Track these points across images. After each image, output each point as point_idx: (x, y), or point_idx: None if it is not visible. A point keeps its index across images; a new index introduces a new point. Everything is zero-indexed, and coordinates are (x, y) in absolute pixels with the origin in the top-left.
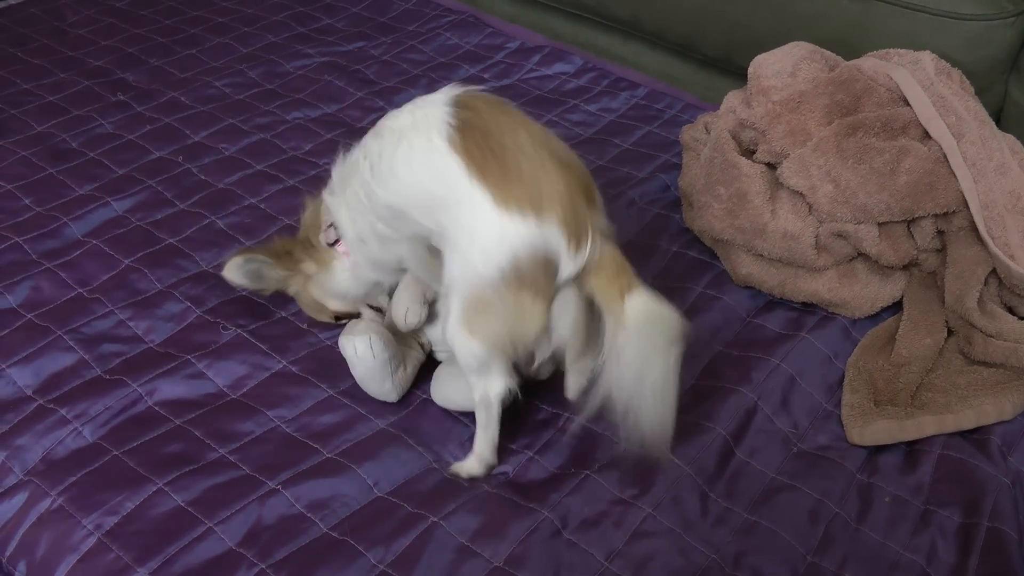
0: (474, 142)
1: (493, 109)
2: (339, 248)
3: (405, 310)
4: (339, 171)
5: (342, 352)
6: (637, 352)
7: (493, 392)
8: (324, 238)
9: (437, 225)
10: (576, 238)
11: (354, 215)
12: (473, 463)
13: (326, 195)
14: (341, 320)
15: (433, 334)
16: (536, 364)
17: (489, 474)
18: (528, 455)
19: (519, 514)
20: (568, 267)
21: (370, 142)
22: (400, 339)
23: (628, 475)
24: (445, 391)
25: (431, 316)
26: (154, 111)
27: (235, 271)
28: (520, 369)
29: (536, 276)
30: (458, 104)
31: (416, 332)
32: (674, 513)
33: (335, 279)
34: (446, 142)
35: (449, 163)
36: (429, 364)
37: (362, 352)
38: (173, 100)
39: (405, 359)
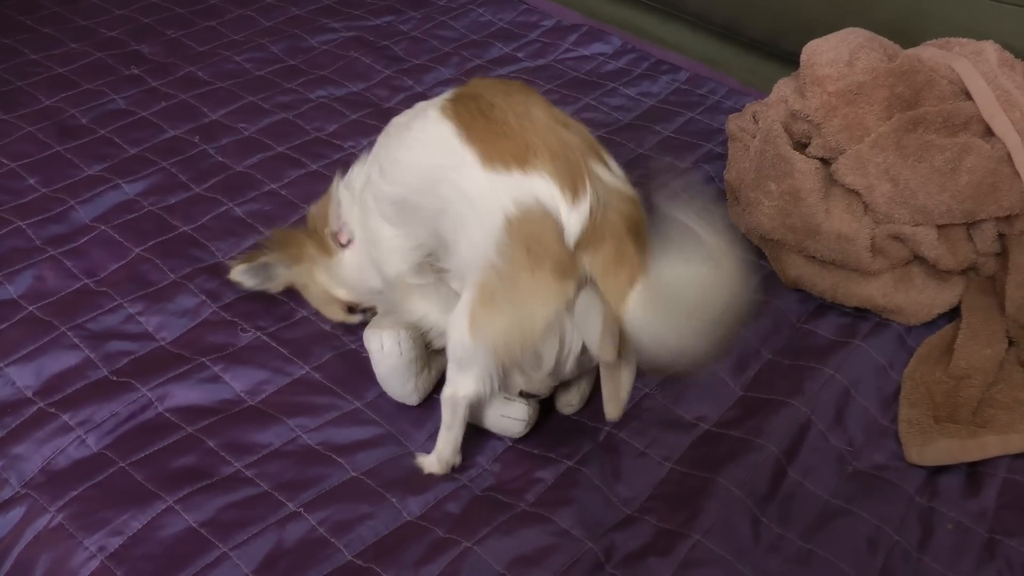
0: (463, 106)
1: (491, 81)
2: (348, 249)
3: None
4: (359, 168)
5: (366, 346)
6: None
7: (462, 392)
8: (333, 236)
9: (440, 201)
10: (571, 186)
11: (365, 219)
12: (433, 460)
13: (341, 188)
14: (355, 313)
15: None
16: (544, 369)
17: (448, 472)
18: (568, 464)
19: (560, 542)
20: (572, 220)
21: (380, 141)
22: (426, 343)
23: (675, 500)
24: (475, 410)
25: None
26: (170, 87)
27: (242, 276)
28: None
29: (538, 239)
30: (460, 86)
31: None
32: (725, 540)
33: (344, 267)
34: (439, 111)
35: (440, 129)
36: None
37: (388, 347)
38: (190, 75)
39: (430, 362)
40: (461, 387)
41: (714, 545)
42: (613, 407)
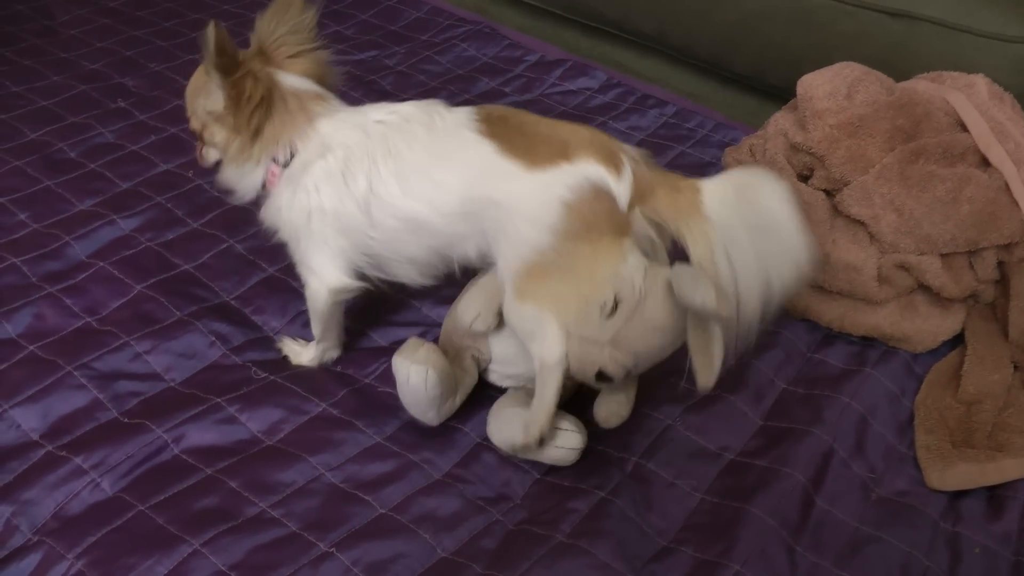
0: (498, 126)
1: (502, 108)
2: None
3: (475, 315)
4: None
5: (394, 371)
6: (749, 237)
7: (548, 357)
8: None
9: (481, 223)
10: (613, 163)
11: (337, 201)
12: (526, 428)
13: (322, 121)
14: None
15: (497, 349)
16: (616, 322)
17: (540, 444)
18: (600, 495)
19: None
20: (621, 191)
21: (390, 139)
22: (454, 357)
23: (709, 530)
24: (510, 436)
25: (499, 326)
26: (158, 120)
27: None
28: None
29: (596, 213)
30: (474, 110)
31: (477, 340)
32: (763, 569)
33: (248, 177)
34: (476, 134)
35: (483, 150)
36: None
37: (415, 383)
38: (177, 108)
39: (457, 386)
40: (544, 353)
41: (753, 575)
42: (707, 375)
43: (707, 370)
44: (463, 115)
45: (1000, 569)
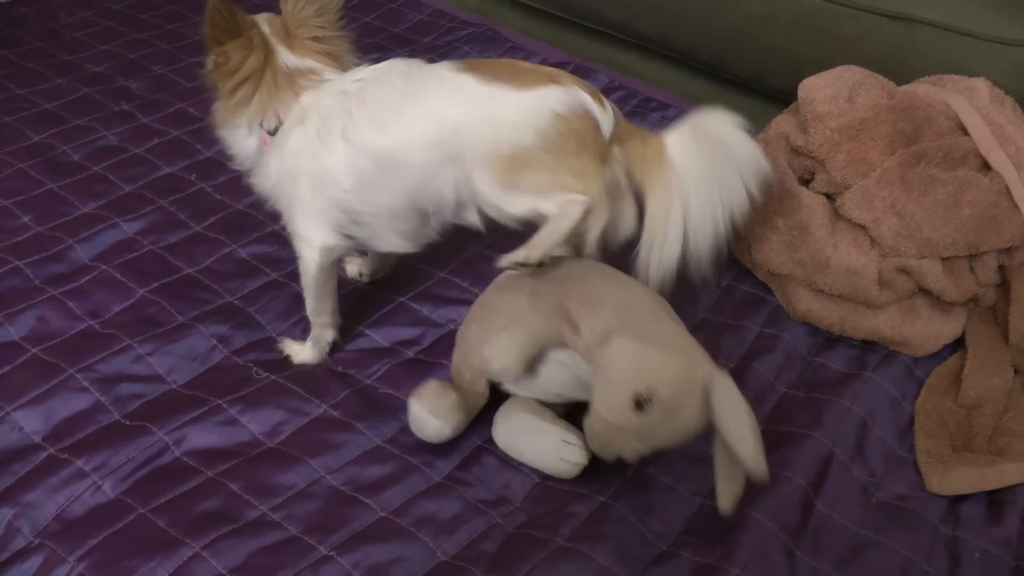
0: (480, 65)
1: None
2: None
3: (504, 368)
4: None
5: (409, 411)
6: (710, 170)
7: (573, 202)
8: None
9: (457, 147)
10: (597, 97)
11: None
12: (528, 250)
13: (305, 94)
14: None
15: (516, 388)
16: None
17: (537, 262)
18: (600, 499)
19: None
20: (604, 121)
21: (365, 90)
22: (469, 382)
23: (709, 534)
24: (516, 442)
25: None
26: (161, 123)
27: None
28: None
29: (586, 130)
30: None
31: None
32: (762, 574)
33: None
34: (455, 71)
35: (463, 81)
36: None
37: (428, 434)
38: (181, 111)
39: (469, 415)
40: (566, 202)
41: None
42: (729, 501)
43: (729, 497)
44: (445, 63)
45: (1000, 573)
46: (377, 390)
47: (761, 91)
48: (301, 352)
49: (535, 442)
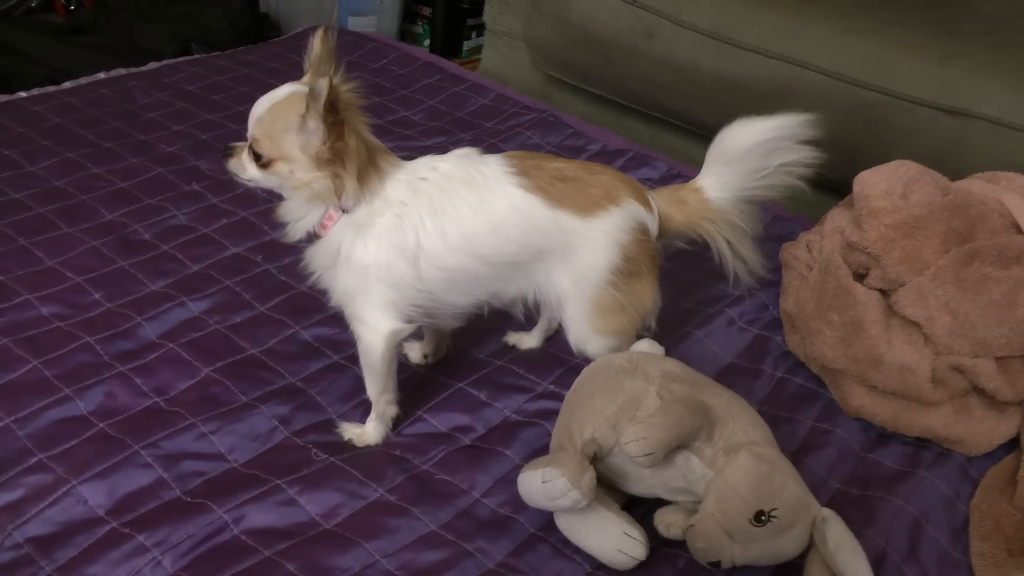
0: (537, 177)
1: (529, 154)
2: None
3: (648, 450)
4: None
5: (543, 479)
6: (745, 175)
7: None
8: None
9: (527, 272)
10: (644, 201)
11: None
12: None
13: (388, 178)
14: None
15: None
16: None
17: None
18: None
19: None
20: (653, 225)
21: (432, 196)
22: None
23: None
24: (579, 526)
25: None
26: (229, 203)
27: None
28: None
29: (641, 250)
30: (505, 159)
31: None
32: None
33: (305, 204)
34: (519, 189)
35: (531, 204)
36: None
37: (563, 504)
38: (248, 192)
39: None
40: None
41: None
42: None
43: None
44: (497, 167)
45: None
46: (433, 476)
47: (817, 181)
48: (365, 434)
49: (597, 530)
